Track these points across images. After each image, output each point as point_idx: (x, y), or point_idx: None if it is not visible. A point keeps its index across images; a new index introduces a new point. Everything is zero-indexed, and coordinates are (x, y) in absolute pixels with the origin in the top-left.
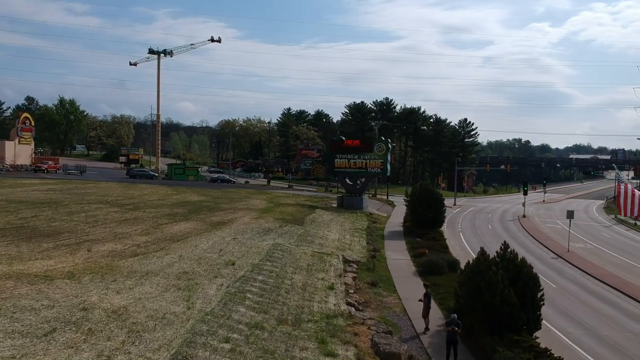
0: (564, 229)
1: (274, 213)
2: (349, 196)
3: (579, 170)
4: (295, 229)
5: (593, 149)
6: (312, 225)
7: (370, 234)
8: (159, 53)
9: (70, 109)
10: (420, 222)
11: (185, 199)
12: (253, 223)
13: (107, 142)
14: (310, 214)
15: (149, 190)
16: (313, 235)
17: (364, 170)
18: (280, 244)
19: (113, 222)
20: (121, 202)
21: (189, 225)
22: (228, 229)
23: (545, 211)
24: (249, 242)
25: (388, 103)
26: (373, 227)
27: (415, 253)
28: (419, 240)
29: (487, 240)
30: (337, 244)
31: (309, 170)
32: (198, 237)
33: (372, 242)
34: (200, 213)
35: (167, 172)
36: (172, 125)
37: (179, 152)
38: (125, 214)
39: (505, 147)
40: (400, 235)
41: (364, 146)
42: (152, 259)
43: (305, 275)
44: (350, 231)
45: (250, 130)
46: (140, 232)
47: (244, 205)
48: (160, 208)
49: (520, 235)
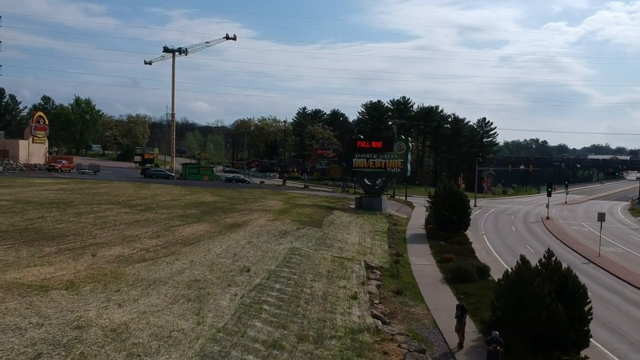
0: (591, 232)
1: (291, 214)
2: (367, 197)
3: (598, 171)
4: (313, 231)
5: (611, 149)
6: (331, 228)
7: (392, 237)
8: (174, 51)
9: (85, 109)
10: (445, 225)
11: (199, 200)
12: (269, 225)
13: (123, 142)
14: (328, 216)
15: (162, 191)
16: (332, 239)
17: (383, 170)
18: (298, 248)
19: (122, 223)
20: (132, 203)
21: (202, 227)
22: (243, 232)
23: (568, 213)
24: (265, 246)
25: (405, 102)
26: (394, 229)
27: (440, 258)
28: (444, 244)
29: (511, 243)
30: (358, 247)
31: (325, 170)
32: (211, 240)
33: (394, 245)
34: (214, 214)
35: (182, 172)
36: (187, 125)
37: (194, 152)
38: (136, 215)
39: (522, 147)
40: (423, 239)
41: (383, 145)
42: (161, 265)
43: (326, 283)
44: (370, 234)
45: (266, 129)
46: (151, 234)
47: (259, 206)
48: (173, 209)
49: (547, 238)
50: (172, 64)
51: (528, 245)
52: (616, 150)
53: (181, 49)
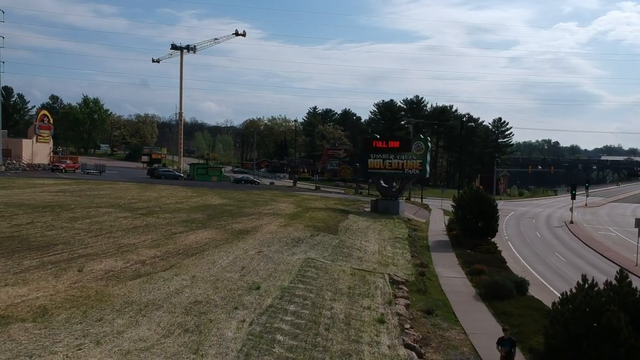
0: (619, 238)
1: (304, 219)
2: (383, 200)
3: (613, 172)
4: (329, 238)
5: (624, 150)
6: (347, 234)
7: (413, 245)
8: (182, 49)
9: (94, 108)
10: (471, 232)
11: (206, 202)
12: (280, 232)
13: (131, 142)
14: (343, 221)
15: (167, 192)
16: (350, 247)
17: (401, 172)
18: (313, 259)
19: (120, 230)
20: (134, 206)
21: (207, 234)
22: (252, 240)
23: (591, 216)
24: (277, 256)
25: (419, 101)
26: (414, 235)
27: (470, 269)
28: (471, 252)
29: (539, 250)
30: (378, 257)
31: (336, 170)
32: (216, 249)
33: (417, 254)
34: (220, 219)
35: (189, 173)
36: (196, 125)
37: (203, 152)
38: (136, 220)
39: (534, 148)
40: (447, 247)
41: (400, 145)
42: (157, 281)
43: (348, 303)
44: (390, 241)
45: (275, 129)
46: (149, 243)
47: (270, 209)
48: (177, 213)
49: (575, 244)
50: (180, 62)
51: (557, 252)
52: (629, 152)
53: (189, 46)
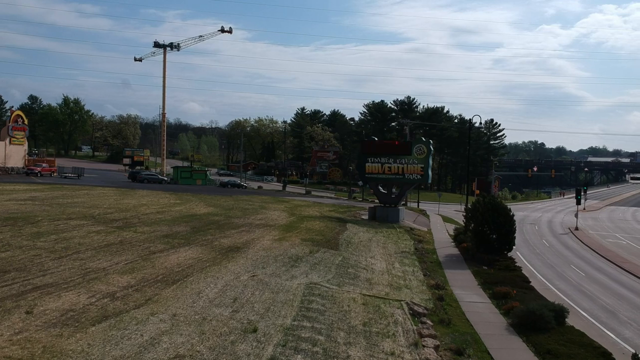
0: (631, 246)
1: (299, 231)
2: (382, 207)
3: (600, 174)
4: (330, 255)
5: (609, 152)
6: (350, 249)
7: (423, 260)
8: (165, 46)
9: (74, 108)
10: (486, 245)
11: (190, 211)
12: (275, 248)
13: (113, 143)
14: (342, 232)
15: (148, 200)
16: (355, 266)
17: (401, 177)
18: (316, 285)
19: (89, 249)
20: (109, 217)
21: (192, 253)
22: (243, 259)
23: (593, 221)
24: (274, 281)
25: (410, 102)
26: (421, 248)
27: (494, 292)
28: (489, 270)
29: (553, 262)
30: (388, 278)
31: (325, 173)
32: (202, 274)
33: (430, 273)
34: (206, 233)
35: (173, 176)
36: (180, 126)
37: (187, 154)
38: (110, 235)
39: (520, 149)
40: (460, 262)
41: (401, 148)
42: (128, 325)
43: (366, 348)
44: (397, 257)
45: (262, 131)
46: (123, 267)
47: (261, 219)
48: (157, 225)
49: (588, 255)
50: (163, 60)
51: (572, 264)
52: (614, 153)
53: (173, 44)
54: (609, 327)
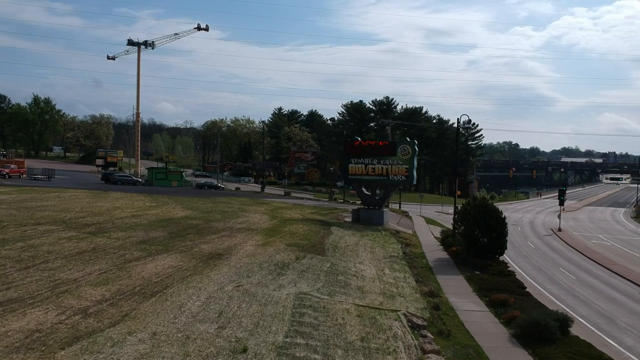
0: (615, 247)
1: (283, 235)
2: (366, 209)
3: (574, 174)
4: (317, 261)
5: (581, 152)
6: (337, 254)
7: (413, 265)
8: (139, 44)
9: (45, 108)
10: (477, 249)
11: (167, 215)
12: (259, 254)
13: (86, 144)
14: (327, 236)
15: (123, 202)
16: (344, 273)
17: (385, 178)
18: (307, 295)
19: (60, 257)
20: (82, 222)
21: (171, 260)
22: (226, 267)
23: (574, 222)
24: (261, 292)
25: (389, 102)
26: (409, 252)
27: (491, 300)
28: (481, 275)
29: (541, 265)
30: (380, 285)
31: (303, 174)
32: (184, 284)
33: (422, 279)
34: (185, 238)
35: (148, 177)
36: (154, 127)
37: (162, 154)
38: (82, 241)
39: (495, 150)
40: (451, 267)
41: (385, 148)
42: (103, 348)
43: None
44: (386, 262)
45: (239, 131)
46: (96, 277)
47: (242, 223)
48: (133, 231)
49: (575, 257)
50: (137, 59)
51: (561, 267)
52: (586, 153)
53: (147, 42)
54: (610, 335)
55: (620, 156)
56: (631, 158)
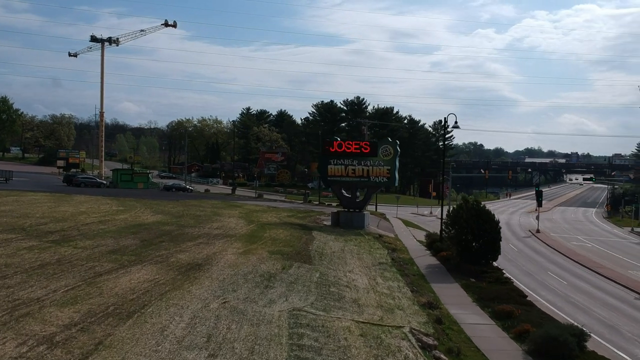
0: (596, 248)
1: (264, 242)
2: (346, 212)
3: (539, 174)
4: (305, 271)
5: (544, 152)
6: (324, 262)
7: (404, 273)
8: (103, 41)
9: (2, 107)
10: (470, 255)
11: (137, 220)
12: (242, 263)
13: (45, 144)
14: (310, 241)
15: (88, 206)
16: (336, 283)
17: (366, 180)
18: (301, 311)
19: (19, 272)
20: (44, 229)
21: (146, 273)
22: (208, 280)
23: (550, 223)
24: (251, 309)
25: (360, 102)
26: (397, 258)
27: (495, 312)
28: (478, 283)
29: (528, 269)
30: (376, 297)
31: (273, 175)
32: (163, 302)
33: (417, 288)
34: (159, 246)
35: (113, 179)
36: (117, 127)
37: (126, 155)
38: (45, 252)
39: (460, 150)
40: (444, 274)
41: (365, 149)
42: None
43: None
44: (376, 269)
45: (206, 131)
46: (63, 296)
47: (218, 228)
48: (101, 238)
49: (560, 260)
50: (101, 56)
51: (549, 271)
52: (549, 154)
53: (111, 38)
54: (618, 346)
55: (582, 156)
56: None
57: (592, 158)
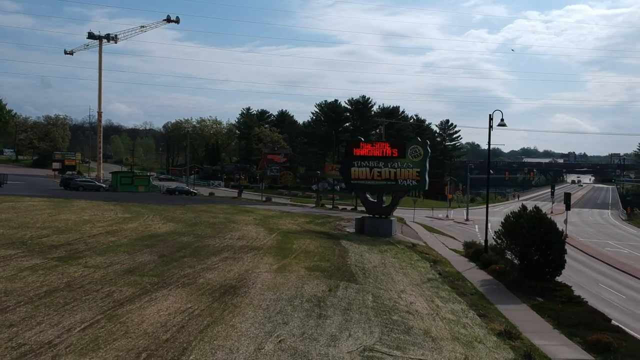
0: (635, 255)
1: (296, 255)
2: (371, 218)
3: (539, 174)
4: (355, 292)
5: (540, 153)
6: (370, 279)
7: (460, 291)
8: (101, 38)
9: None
10: (534, 270)
11: (148, 230)
12: (282, 284)
13: (40, 146)
14: (345, 254)
15: (91, 213)
16: (395, 309)
17: (393, 183)
18: (373, 351)
19: (23, 302)
20: (46, 242)
21: (175, 300)
22: (251, 309)
23: (571, 227)
24: (315, 350)
25: (365, 102)
26: (444, 272)
27: (587, 343)
28: (549, 304)
29: (578, 281)
30: (444, 325)
31: (276, 177)
32: (207, 343)
33: (483, 311)
34: (182, 263)
35: (112, 182)
36: (112, 128)
37: (122, 157)
38: (51, 273)
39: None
40: (504, 292)
41: (393, 150)
42: None
43: None
44: (428, 287)
45: (205, 132)
46: (80, 337)
47: (240, 238)
48: (113, 253)
49: (603, 268)
50: (99, 53)
51: (600, 283)
52: (544, 154)
53: (110, 35)
54: None
55: (579, 156)
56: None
57: (589, 158)
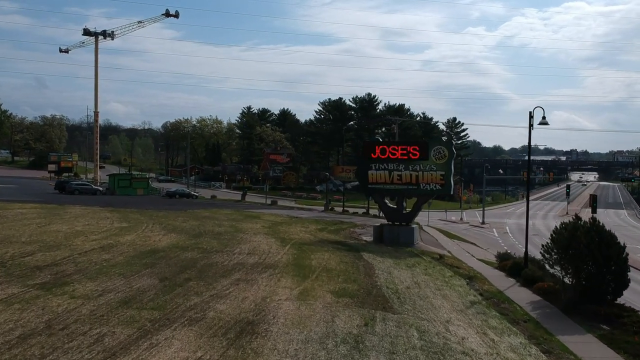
0: None
1: (318, 275)
2: (390, 226)
3: (544, 173)
4: (395, 326)
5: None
6: (406, 306)
7: (512, 319)
8: (97, 35)
9: None
10: (590, 290)
11: (147, 243)
12: (308, 317)
13: (36, 147)
14: (370, 270)
15: (85, 222)
16: (447, 348)
17: (414, 187)
18: None
19: None
20: (30, 262)
21: (181, 346)
22: (275, 355)
23: None
24: None
25: (370, 99)
26: (484, 292)
27: None
28: (617, 332)
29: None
30: None
31: (279, 178)
32: None
33: (547, 346)
34: (187, 288)
35: (109, 185)
36: (110, 128)
37: (120, 157)
38: (28, 309)
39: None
40: (561, 318)
41: (414, 151)
42: None
43: None
44: (474, 314)
45: (206, 131)
46: None
47: (250, 253)
48: (106, 277)
49: None
50: (95, 51)
51: None
52: (545, 151)
53: (106, 32)
54: None
55: (581, 153)
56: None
57: (590, 155)
